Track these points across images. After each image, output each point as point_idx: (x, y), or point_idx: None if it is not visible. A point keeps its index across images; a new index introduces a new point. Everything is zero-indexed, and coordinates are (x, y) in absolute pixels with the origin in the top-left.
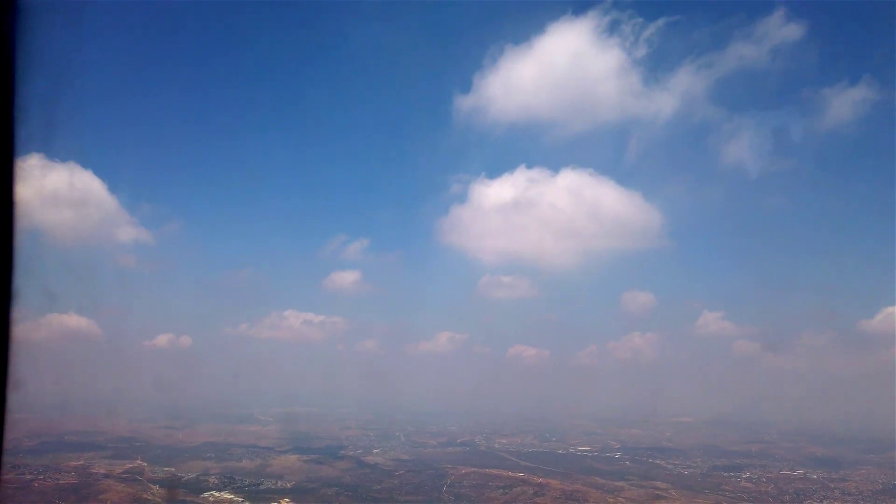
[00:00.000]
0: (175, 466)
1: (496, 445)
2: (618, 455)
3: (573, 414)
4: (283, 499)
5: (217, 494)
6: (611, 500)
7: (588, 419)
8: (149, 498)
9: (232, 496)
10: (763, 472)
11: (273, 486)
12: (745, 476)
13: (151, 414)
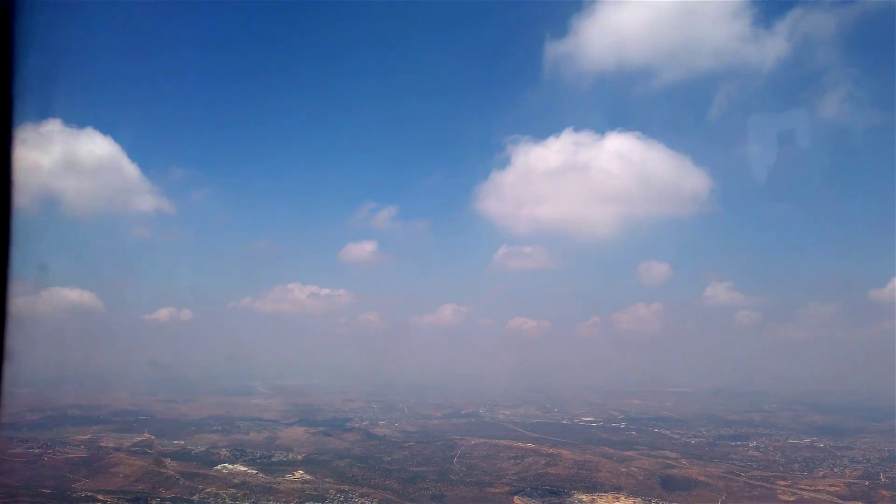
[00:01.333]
0: (183, 440)
1: (500, 416)
2: (623, 425)
3: (573, 385)
4: (296, 471)
5: (230, 467)
6: (623, 469)
7: (588, 390)
8: (161, 471)
9: (245, 468)
10: (769, 440)
11: (284, 459)
12: (751, 445)
13: (152, 387)
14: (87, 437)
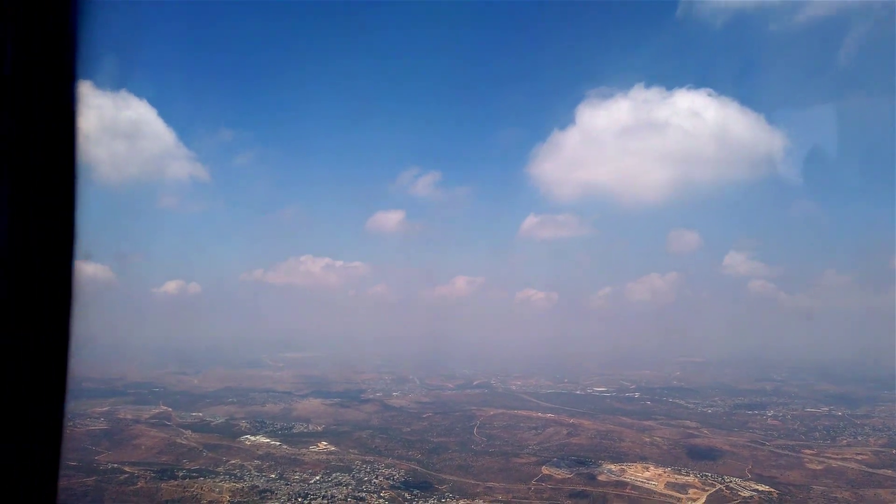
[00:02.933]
0: (201, 411)
1: (513, 387)
2: (637, 395)
3: (581, 356)
4: (320, 442)
5: (252, 438)
6: (646, 438)
7: (596, 361)
8: (183, 442)
9: (268, 440)
10: (786, 409)
11: (305, 430)
12: (769, 414)
13: (161, 360)
14: (104, 409)
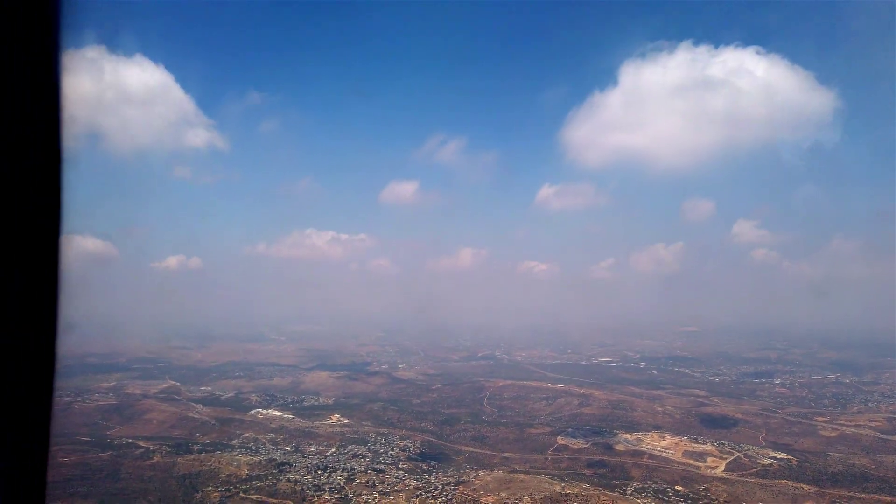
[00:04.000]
0: (209, 386)
1: (518, 358)
2: (642, 365)
3: (582, 327)
4: (332, 415)
5: (264, 412)
6: (658, 408)
7: (597, 331)
8: (195, 416)
9: (280, 413)
10: (793, 377)
11: (316, 403)
12: (776, 382)
13: (162, 335)
14: (111, 384)
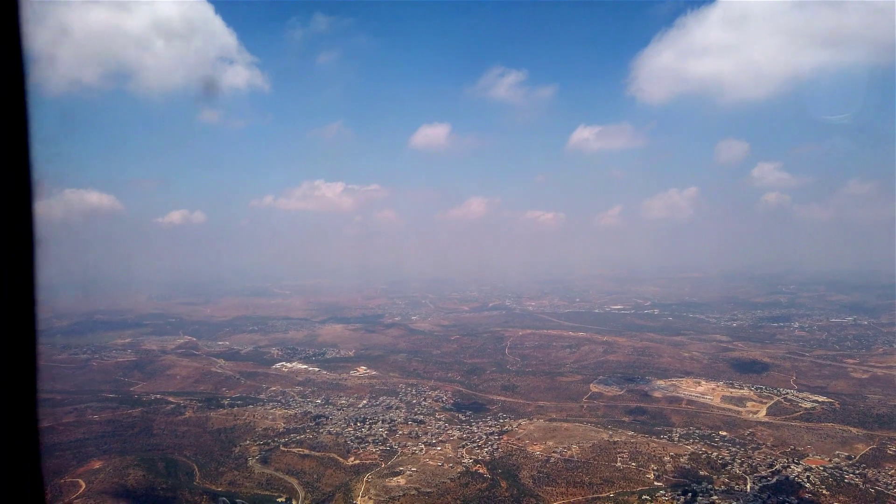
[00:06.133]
0: (226, 340)
1: (529, 307)
2: (655, 311)
3: (585, 275)
4: (359, 366)
5: (288, 365)
6: (685, 354)
7: (601, 279)
8: (218, 371)
9: (305, 366)
10: (811, 321)
11: (337, 355)
12: (795, 326)
13: (167, 291)
14: (126, 340)
